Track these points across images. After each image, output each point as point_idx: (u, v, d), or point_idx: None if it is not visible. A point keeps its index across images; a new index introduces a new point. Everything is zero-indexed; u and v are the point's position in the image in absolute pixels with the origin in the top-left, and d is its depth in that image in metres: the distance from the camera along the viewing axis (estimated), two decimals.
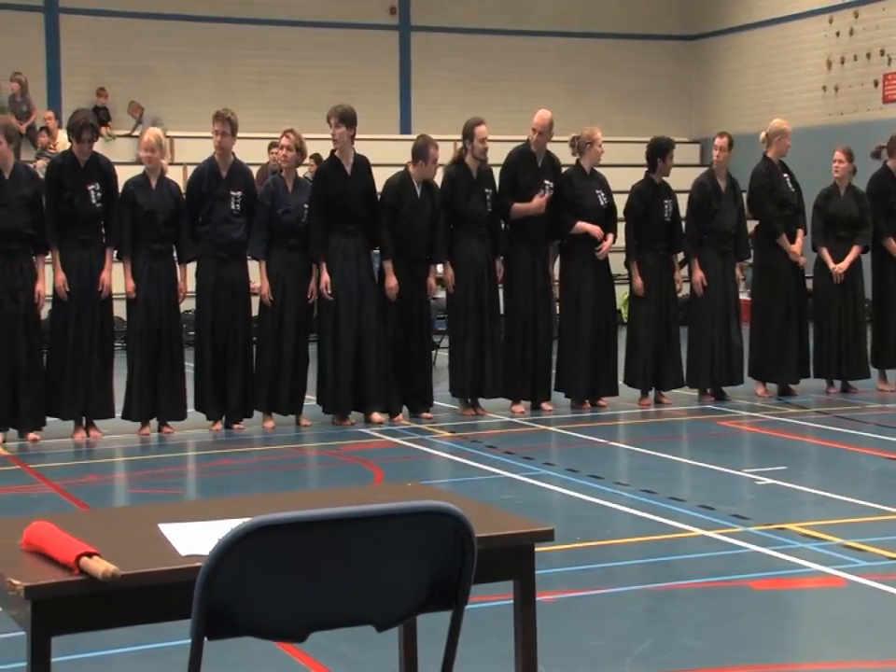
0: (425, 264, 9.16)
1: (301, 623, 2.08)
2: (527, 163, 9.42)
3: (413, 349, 9.10)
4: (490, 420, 9.28)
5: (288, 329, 8.80)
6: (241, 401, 8.74)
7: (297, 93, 18.72)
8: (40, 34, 17.77)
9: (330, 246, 8.81)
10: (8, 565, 2.18)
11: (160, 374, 8.56)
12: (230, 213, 8.68)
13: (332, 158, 8.98)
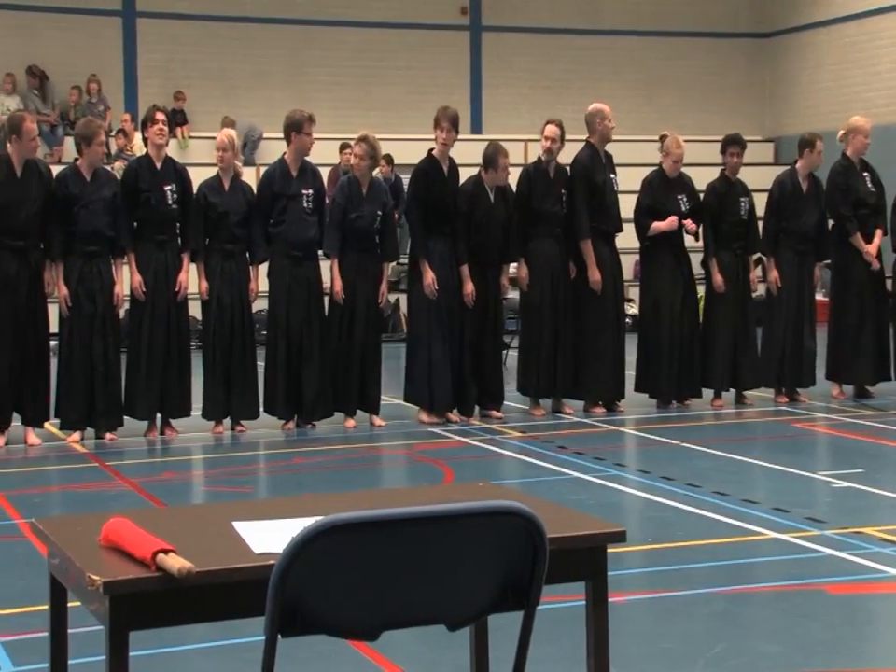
0: (498, 266, 9.16)
1: (374, 621, 2.09)
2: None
3: (486, 349, 9.10)
4: (561, 420, 9.25)
5: (360, 331, 8.84)
6: (315, 401, 8.79)
7: (369, 94, 18.81)
8: (118, 37, 18.03)
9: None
10: (88, 560, 2.21)
11: (233, 374, 8.65)
12: (302, 211, 8.75)
13: (431, 159, 8.99)
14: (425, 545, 2.05)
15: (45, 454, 8.11)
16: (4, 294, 8.11)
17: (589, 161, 9.40)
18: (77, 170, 8.42)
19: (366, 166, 8.84)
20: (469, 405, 9.13)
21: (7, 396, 8.13)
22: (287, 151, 8.86)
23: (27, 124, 8.17)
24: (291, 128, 8.79)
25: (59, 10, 17.49)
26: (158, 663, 3.99)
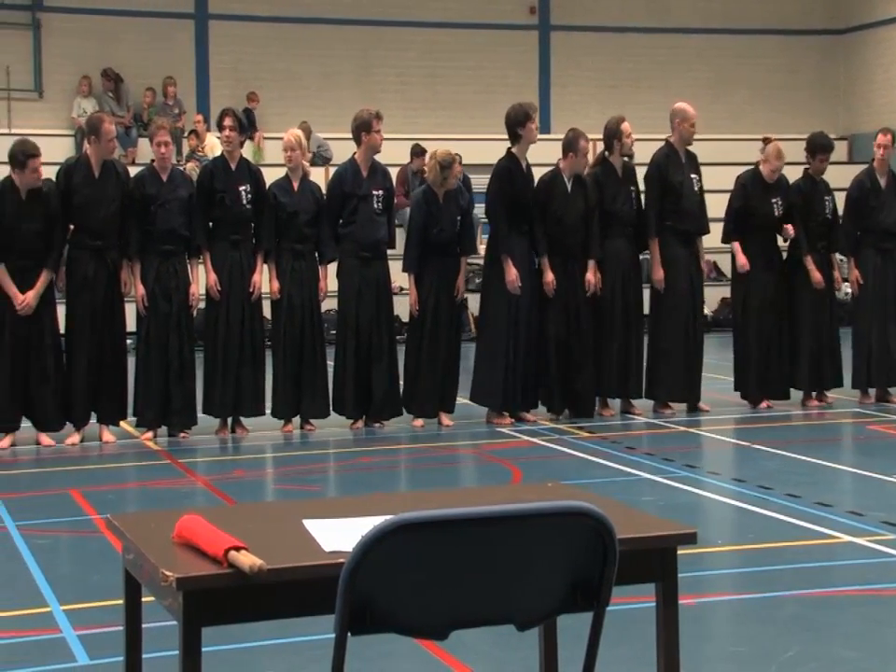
0: (580, 259, 9.13)
1: (443, 620, 2.09)
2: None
3: (573, 346, 9.07)
4: (630, 420, 9.20)
5: (441, 331, 8.86)
6: (384, 400, 8.82)
7: (437, 94, 18.84)
8: (190, 39, 18.25)
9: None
10: (161, 556, 2.24)
11: (303, 373, 8.71)
12: (372, 212, 8.79)
13: (511, 157, 8.99)
14: (494, 545, 2.05)
15: (120, 451, 8.22)
16: (82, 293, 8.24)
17: (664, 159, 9.35)
18: (154, 170, 8.54)
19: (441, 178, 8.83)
20: (557, 404, 9.10)
21: (85, 394, 8.26)
22: (358, 151, 8.91)
23: (106, 125, 8.30)
24: (360, 128, 8.83)
25: (133, 14, 17.73)
26: (230, 659, 4.03)
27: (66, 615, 4.57)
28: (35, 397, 8.16)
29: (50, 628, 4.45)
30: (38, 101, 17.52)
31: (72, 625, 4.45)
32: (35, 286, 8.09)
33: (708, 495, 6.64)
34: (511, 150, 9.02)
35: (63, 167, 8.47)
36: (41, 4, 17.52)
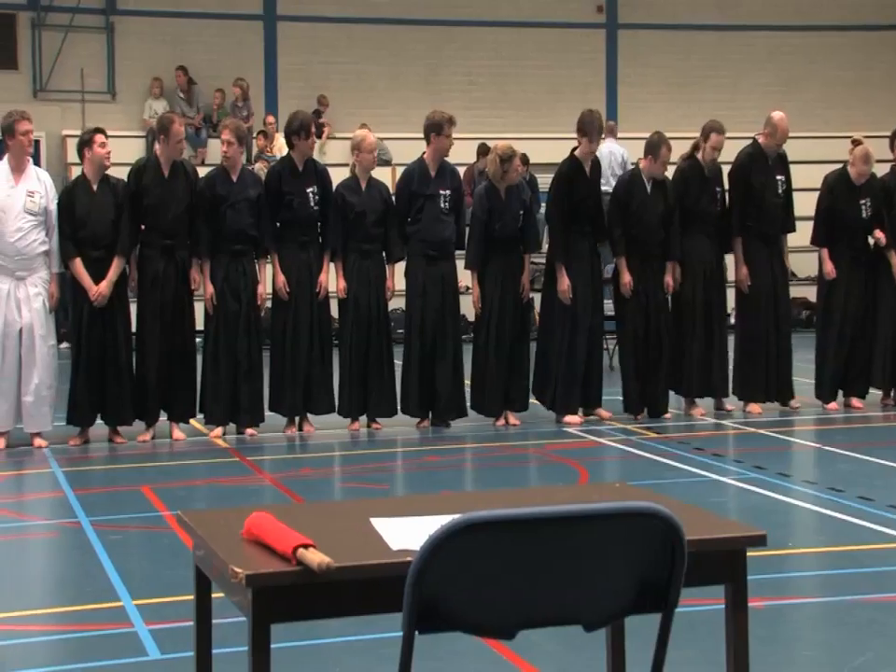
0: (659, 260, 9.08)
1: (510, 620, 2.09)
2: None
3: (652, 345, 9.03)
4: (696, 421, 9.13)
5: (507, 330, 8.85)
6: (450, 399, 8.84)
7: (505, 94, 18.82)
8: (259, 40, 18.41)
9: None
10: (231, 553, 2.26)
11: (370, 372, 8.75)
12: (440, 211, 8.81)
13: (573, 159, 8.98)
14: (561, 545, 2.05)
15: (189, 448, 8.32)
16: (152, 291, 8.35)
17: (747, 159, 9.30)
18: (224, 171, 8.63)
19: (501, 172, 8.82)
20: (634, 404, 9.07)
21: (156, 391, 8.36)
22: (427, 151, 8.93)
23: (175, 126, 8.41)
24: (431, 129, 8.85)
25: (203, 16, 17.92)
26: (298, 656, 4.06)
27: (138, 610, 4.64)
28: (109, 394, 8.28)
29: (123, 622, 4.51)
30: (111, 103, 17.77)
31: (143, 620, 4.51)
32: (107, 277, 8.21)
33: (779, 497, 6.57)
34: (574, 153, 9.01)
35: (133, 168, 8.59)
36: (115, 7, 17.77)
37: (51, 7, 17.39)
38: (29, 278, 8.18)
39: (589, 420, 8.99)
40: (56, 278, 8.34)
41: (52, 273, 8.30)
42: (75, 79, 17.47)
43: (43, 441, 8.20)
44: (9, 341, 8.12)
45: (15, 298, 8.14)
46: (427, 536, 2.00)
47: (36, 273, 8.21)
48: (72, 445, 8.25)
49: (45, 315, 8.24)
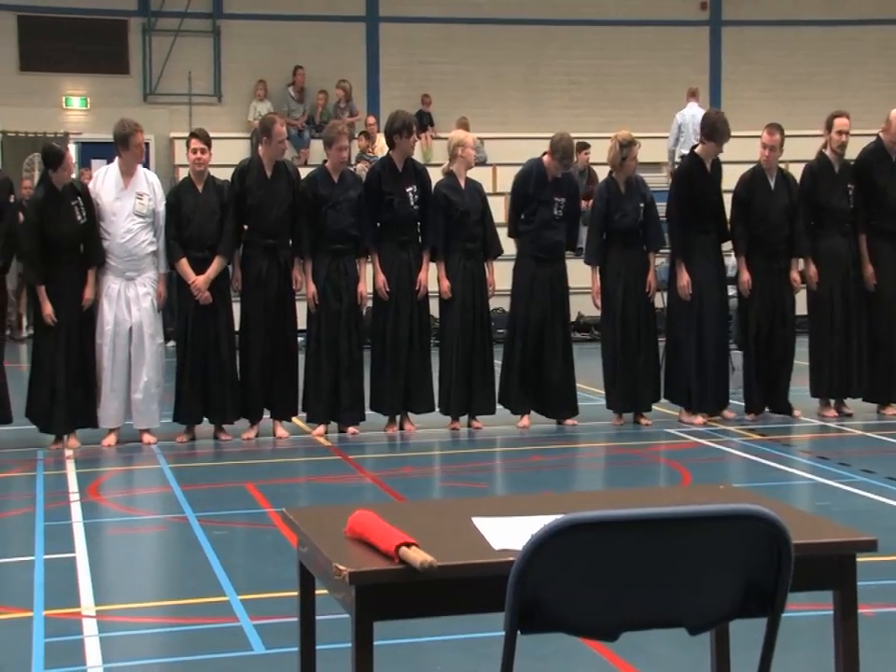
0: (785, 257, 8.95)
1: (613, 621, 2.08)
2: None
3: (775, 344, 8.91)
4: (802, 423, 8.97)
5: (632, 328, 8.81)
6: (558, 400, 8.82)
7: (605, 92, 18.71)
8: (361, 42, 18.56)
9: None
10: (334, 550, 2.28)
11: (473, 371, 8.76)
12: (552, 217, 8.82)
13: (694, 157, 8.93)
14: (665, 547, 2.03)
15: (292, 446, 8.42)
16: (255, 291, 8.47)
17: (869, 156, 9.13)
18: (326, 171, 8.71)
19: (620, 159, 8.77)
20: (757, 403, 8.96)
21: (259, 389, 8.48)
22: (548, 156, 8.91)
23: (277, 127, 8.52)
24: (568, 149, 8.82)
25: (306, 18, 18.13)
26: (401, 653, 4.08)
27: (243, 605, 4.70)
28: (213, 392, 8.42)
29: (228, 617, 4.58)
30: (217, 105, 18.08)
31: (248, 615, 4.58)
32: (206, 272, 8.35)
33: (887, 501, 6.42)
34: (695, 150, 8.94)
35: (237, 169, 8.72)
36: (221, 11, 18.07)
37: (161, 12, 17.75)
38: (138, 278, 8.35)
39: (714, 420, 8.89)
40: (164, 278, 8.51)
41: (160, 273, 8.46)
42: (182, 83, 17.81)
43: (152, 438, 8.37)
44: (120, 339, 8.31)
45: (125, 297, 8.32)
46: (529, 536, 2.00)
47: (145, 274, 8.38)
48: (179, 442, 8.40)
49: (153, 314, 8.41)
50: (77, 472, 7.42)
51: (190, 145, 8.44)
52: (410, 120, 8.86)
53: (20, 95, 17.20)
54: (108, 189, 8.34)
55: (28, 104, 17.14)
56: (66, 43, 17.45)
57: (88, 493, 6.85)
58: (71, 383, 8.13)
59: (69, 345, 8.14)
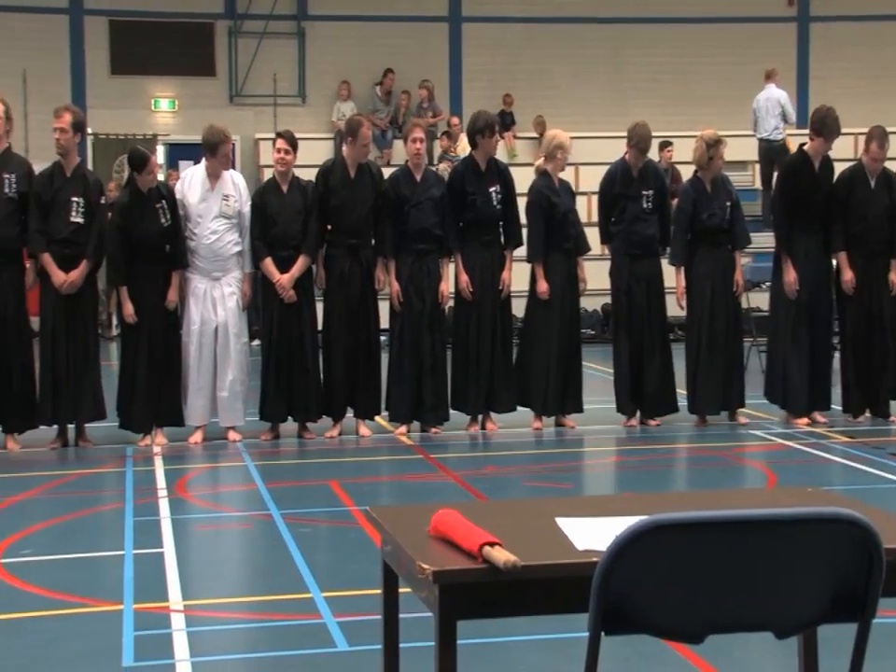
0: (885, 258, 8.81)
1: (698, 624, 2.06)
2: None
3: (875, 345, 8.78)
4: (890, 426, 8.80)
5: (719, 328, 8.74)
6: (657, 397, 8.77)
7: (689, 90, 18.54)
8: (444, 42, 18.60)
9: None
10: (418, 549, 2.29)
11: (570, 369, 8.73)
12: (641, 211, 8.78)
13: (802, 154, 8.83)
14: (752, 550, 2.01)
15: (375, 445, 8.46)
16: (338, 290, 8.54)
17: None
18: (408, 171, 8.75)
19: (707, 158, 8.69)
20: (855, 406, 8.85)
21: (342, 388, 8.54)
22: (629, 152, 8.86)
23: (363, 129, 8.57)
24: (645, 139, 8.76)
25: (390, 19, 18.23)
26: (484, 653, 4.09)
27: (326, 602, 4.74)
28: (296, 390, 8.49)
29: (312, 614, 4.62)
30: (301, 106, 18.25)
31: (332, 612, 4.61)
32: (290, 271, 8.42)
33: None
34: (803, 147, 8.84)
35: (320, 169, 8.80)
36: (305, 13, 18.24)
37: (247, 14, 17.96)
38: (224, 278, 8.46)
39: (817, 421, 8.77)
40: (249, 278, 8.60)
41: (245, 273, 8.56)
42: (268, 84, 18.01)
43: (237, 436, 8.48)
44: (206, 338, 8.42)
45: (211, 297, 8.44)
46: (613, 536, 2.00)
47: (230, 274, 8.49)
48: (263, 440, 8.50)
49: (238, 313, 8.51)
50: (164, 469, 7.54)
51: (275, 145, 8.54)
52: (492, 120, 8.86)
53: (110, 98, 17.53)
54: (195, 191, 8.46)
55: (118, 106, 17.46)
56: (155, 46, 17.74)
57: (175, 489, 6.96)
58: (154, 381, 8.25)
59: (152, 345, 8.27)
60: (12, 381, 8.09)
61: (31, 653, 4.28)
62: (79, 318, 8.22)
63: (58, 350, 8.14)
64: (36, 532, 6.04)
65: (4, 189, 8.06)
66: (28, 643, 4.39)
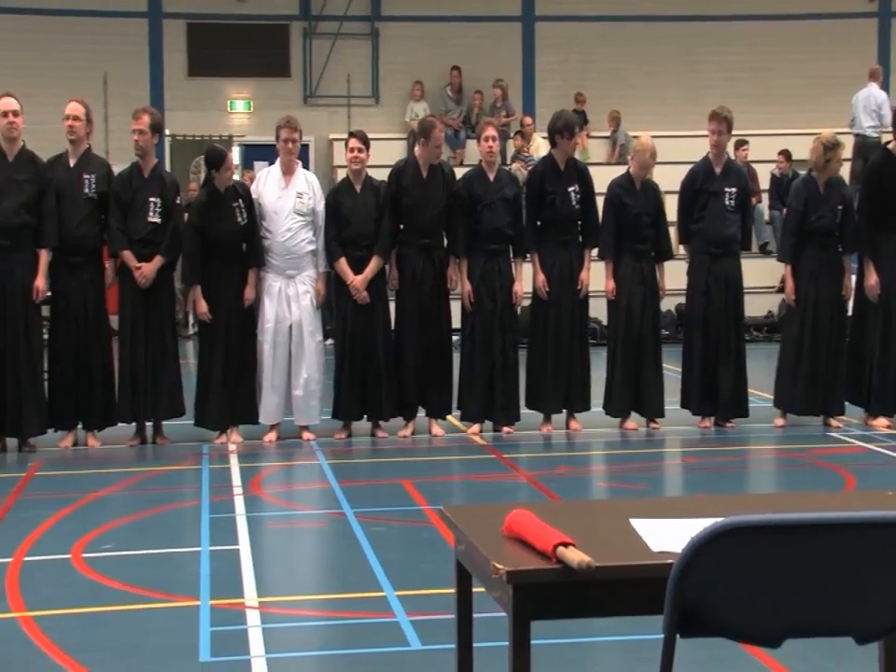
0: None
1: (776, 628, 2.04)
2: None
3: None
4: None
5: (822, 329, 8.65)
6: (731, 400, 8.68)
7: (766, 88, 18.31)
8: (517, 41, 18.57)
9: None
10: (492, 549, 2.30)
11: (641, 371, 8.67)
12: (724, 209, 8.70)
13: (887, 153, 8.74)
14: (831, 553, 1.99)
15: (447, 444, 8.48)
16: (411, 290, 8.57)
17: None
18: (481, 171, 8.76)
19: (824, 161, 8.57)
20: None
21: (415, 388, 8.57)
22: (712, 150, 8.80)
23: (436, 132, 8.59)
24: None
25: (463, 19, 18.24)
26: (558, 653, 4.07)
27: (399, 600, 4.76)
28: (369, 389, 8.53)
29: (385, 612, 4.65)
30: (374, 106, 18.32)
31: (405, 611, 4.63)
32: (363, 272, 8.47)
33: None
34: (888, 147, 8.75)
35: (393, 169, 8.83)
36: (379, 14, 18.32)
37: (321, 16, 18.08)
38: (298, 276, 8.53)
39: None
40: (323, 277, 8.66)
41: (319, 272, 8.63)
42: (341, 85, 18.11)
43: (311, 434, 8.54)
44: (281, 337, 8.50)
45: (285, 295, 8.51)
46: (688, 538, 1.98)
47: (305, 272, 8.55)
48: (337, 439, 8.55)
49: (313, 311, 8.58)
50: (240, 467, 7.62)
51: (348, 144, 8.59)
52: (572, 121, 8.83)
53: (187, 100, 17.76)
54: (270, 189, 8.54)
55: (195, 108, 17.67)
56: (231, 48, 17.94)
57: (250, 487, 7.03)
58: (230, 380, 8.33)
59: (227, 343, 8.35)
60: (92, 379, 8.23)
61: (112, 646, 4.35)
62: (157, 317, 8.34)
63: (136, 348, 8.27)
64: (116, 528, 6.14)
65: (84, 190, 8.21)
66: (110, 636, 4.46)
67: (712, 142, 8.72)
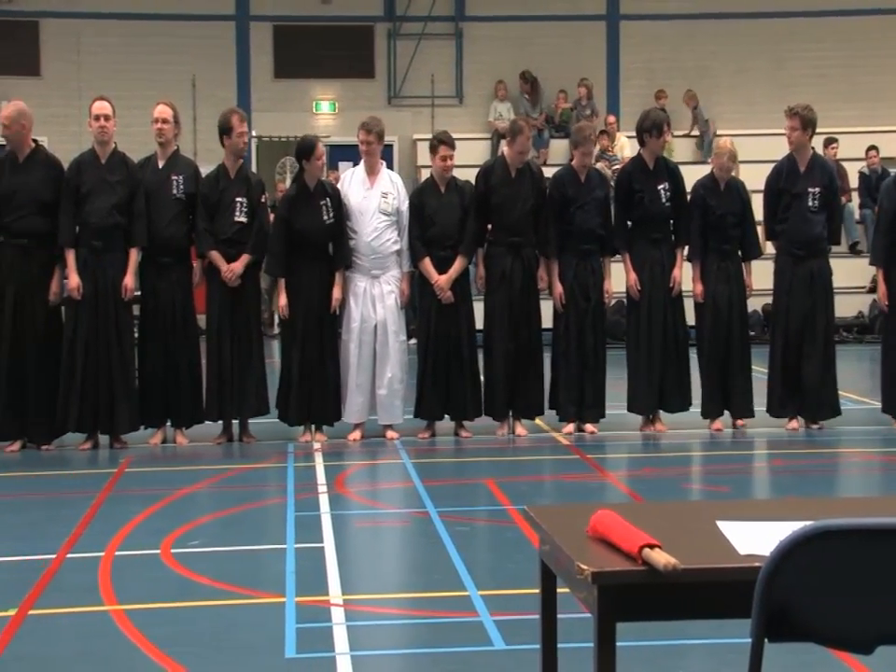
0: None
1: (868, 633, 2.01)
2: None
3: None
4: None
5: None
6: (819, 401, 8.57)
7: (857, 85, 18.00)
8: (602, 40, 18.48)
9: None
10: (577, 549, 2.29)
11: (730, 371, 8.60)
12: (807, 210, 8.58)
13: None
14: None
15: (531, 444, 8.46)
16: (500, 289, 8.57)
17: None
18: (572, 172, 8.73)
19: None
20: None
21: (503, 387, 8.57)
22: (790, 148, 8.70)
23: (522, 138, 8.53)
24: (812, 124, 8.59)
25: (547, 18, 18.19)
26: (642, 655, 4.04)
27: (483, 600, 4.77)
28: (453, 389, 8.55)
29: (469, 612, 4.65)
30: (458, 106, 18.36)
31: (489, 610, 4.64)
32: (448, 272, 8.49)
33: None
34: None
35: (481, 169, 8.85)
36: (463, 14, 18.35)
37: (405, 17, 18.17)
38: (383, 276, 8.58)
39: None
40: (407, 276, 8.70)
41: (403, 272, 8.66)
42: (425, 85, 18.18)
43: (394, 433, 8.58)
44: (366, 336, 8.55)
45: (370, 295, 8.57)
46: (776, 541, 1.96)
47: (389, 272, 8.60)
48: (420, 438, 8.58)
49: (397, 311, 8.62)
50: (324, 465, 7.68)
51: (439, 152, 8.55)
52: (660, 120, 8.78)
53: (273, 101, 17.96)
54: (355, 189, 8.60)
55: (281, 109, 17.87)
56: (317, 50, 18.10)
57: (335, 485, 7.09)
58: (313, 378, 8.39)
59: (307, 341, 8.41)
60: (180, 377, 8.36)
61: (202, 641, 4.42)
62: (243, 316, 8.44)
63: (223, 347, 8.38)
64: (203, 524, 6.23)
65: (172, 191, 8.34)
66: (199, 631, 4.53)
67: (789, 139, 8.59)
